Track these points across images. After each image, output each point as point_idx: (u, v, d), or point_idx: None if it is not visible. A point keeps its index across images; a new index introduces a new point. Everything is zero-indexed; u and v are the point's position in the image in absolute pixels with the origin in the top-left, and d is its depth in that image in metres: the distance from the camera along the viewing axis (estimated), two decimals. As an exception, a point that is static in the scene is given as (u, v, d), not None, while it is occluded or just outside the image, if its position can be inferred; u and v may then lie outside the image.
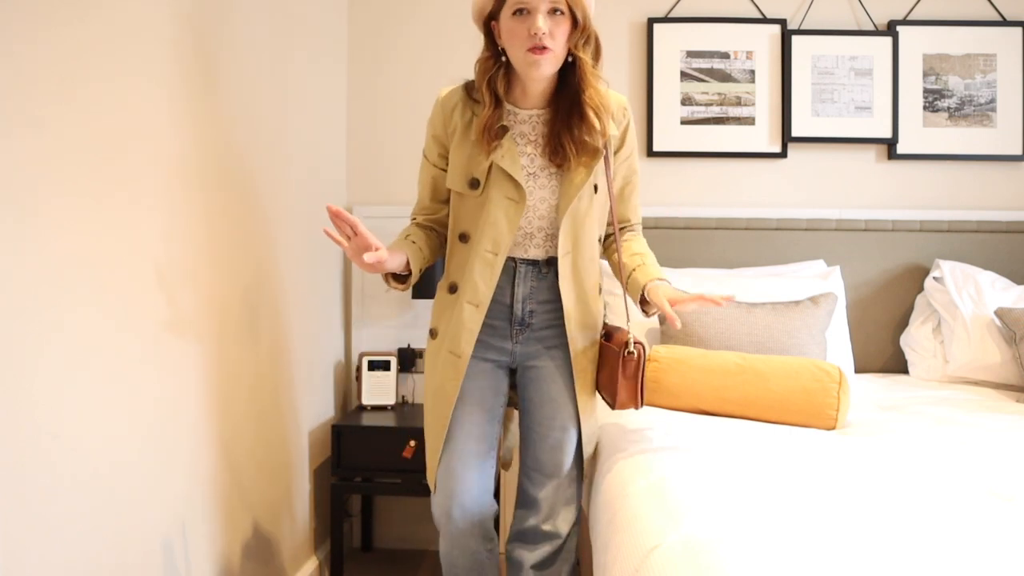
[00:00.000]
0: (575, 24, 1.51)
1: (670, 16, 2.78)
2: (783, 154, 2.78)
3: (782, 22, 2.76)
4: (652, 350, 2.07)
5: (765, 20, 2.76)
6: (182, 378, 1.64)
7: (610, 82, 1.63)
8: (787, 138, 2.76)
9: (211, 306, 1.75)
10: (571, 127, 1.55)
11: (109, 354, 1.38)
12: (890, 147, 2.77)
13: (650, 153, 2.77)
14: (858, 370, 2.61)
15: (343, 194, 2.80)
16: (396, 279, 1.64)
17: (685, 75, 2.78)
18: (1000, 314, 2.37)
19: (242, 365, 1.92)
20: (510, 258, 1.62)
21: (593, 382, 1.68)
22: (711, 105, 2.78)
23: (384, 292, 2.74)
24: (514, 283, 1.63)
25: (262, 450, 2.06)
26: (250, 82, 1.96)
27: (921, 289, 2.66)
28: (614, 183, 1.67)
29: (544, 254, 1.63)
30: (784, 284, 2.48)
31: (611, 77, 2.03)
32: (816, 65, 2.75)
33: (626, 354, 1.57)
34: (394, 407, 2.63)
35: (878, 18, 2.77)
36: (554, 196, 1.60)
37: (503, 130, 1.57)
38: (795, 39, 2.75)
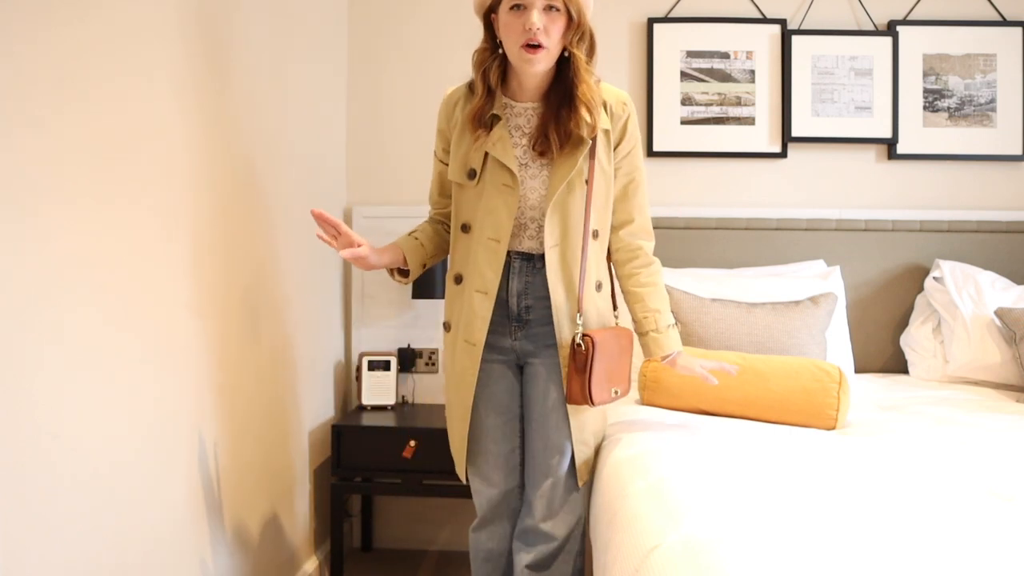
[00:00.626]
0: (571, 21, 1.54)
1: (670, 16, 2.78)
2: (783, 154, 2.78)
3: (782, 22, 2.76)
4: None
5: (765, 20, 2.77)
6: (182, 378, 1.63)
7: (602, 78, 1.66)
8: (787, 138, 2.76)
9: (211, 306, 1.75)
10: (559, 120, 1.58)
11: (109, 354, 1.38)
12: (890, 147, 2.77)
13: (650, 153, 2.77)
14: (858, 370, 2.61)
15: (343, 194, 2.80)
16: (401, 273, 1.74)
17: (685, 75, 2.78)
18: (1000, 314, 2.36)
19: (242, 365, 1.92)
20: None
21: None
22: (711, 105, 2.78)
23: (384, 292, 2.75)
24: (509, 277, 1.65)
25: (262, 450, 2.06)
26: (250, 82, 1.96)
27: (921, 289, 2.66)
28: (616, 181, 1.67)
29: (538, 246, 1.64)
30: (784, 284, 2.48)
31: (611, 77, 2.03)
32: (816, 65, 2.75)
33: (574, 346, 1.58)
34: (394, 407, 2.63)
35: (878, 18, 2.77)
36: (544, 187, 1.62)
37: (495, 119, 1.61)
38: (795, 39, 2.75)
